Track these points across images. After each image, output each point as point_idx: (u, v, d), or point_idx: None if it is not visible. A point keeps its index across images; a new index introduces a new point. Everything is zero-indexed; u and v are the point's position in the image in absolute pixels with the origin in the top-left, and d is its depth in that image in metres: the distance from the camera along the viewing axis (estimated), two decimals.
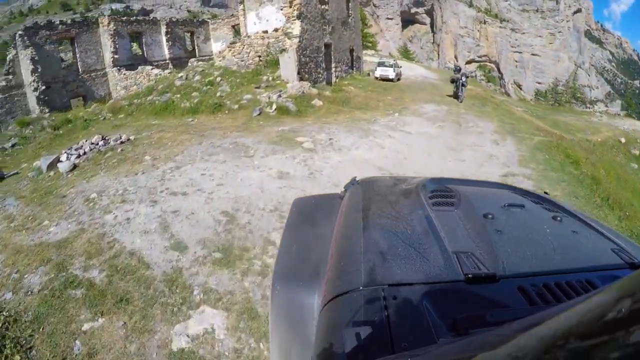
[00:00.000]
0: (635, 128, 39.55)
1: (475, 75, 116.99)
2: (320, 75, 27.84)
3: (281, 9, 26.75)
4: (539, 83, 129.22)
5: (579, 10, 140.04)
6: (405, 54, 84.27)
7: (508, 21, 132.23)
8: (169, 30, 41.77)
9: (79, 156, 14.43)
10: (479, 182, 3.95)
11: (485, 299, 1.81)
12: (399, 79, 37.21)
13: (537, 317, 0.81)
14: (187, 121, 19.51)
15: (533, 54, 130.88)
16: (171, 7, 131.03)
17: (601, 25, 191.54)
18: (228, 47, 28.96)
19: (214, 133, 16.41)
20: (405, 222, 2.51)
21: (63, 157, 14.46)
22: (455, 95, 27.67)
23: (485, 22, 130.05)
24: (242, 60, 27.97)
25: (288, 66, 24.01)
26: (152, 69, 33.68)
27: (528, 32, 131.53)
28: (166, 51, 41.85)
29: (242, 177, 11.43)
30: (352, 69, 36.04)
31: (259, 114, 19.34)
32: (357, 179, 3.64)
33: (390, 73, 35.66)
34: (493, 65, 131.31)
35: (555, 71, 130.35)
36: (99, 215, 9.66)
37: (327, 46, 29.56)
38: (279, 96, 20.70)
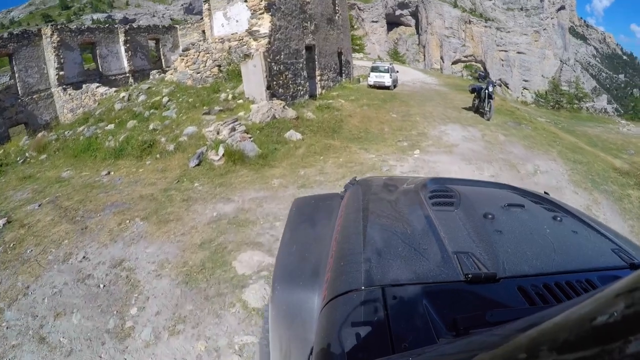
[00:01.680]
0: None
1: (462, 76, 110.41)
2: (300, 88, 19.71)
3: (245, 1, 18.72)
4: (526, 81, 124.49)
5: (562, 7, 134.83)
6: (396, 56, 74.85)
7: (493, 20, 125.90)
8: (129, 38, 33.85)
9: None
10: (479, 182, 3.91)
11: (485, 299, 1.75)
12: (395, 86, 29.97)
13: (536, 317, 0.75)
14: (99, 176, 12.47)
15: (519, 52, 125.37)
16: (154, 16, 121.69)
17: (584, 22, 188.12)
18: (180, 57, 20.85)
19: (105, 221, 8.94)
20: (406, 222, 2.45)
21: None
22: (477, 109, 20.10)
23: (470, 22, 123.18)
24: (198, 73, 20.02)
25: (253, 78, 15.97)
26: (97, 88, 25.70)
27: (513, 31, 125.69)
28: (125, 63, 33.86)
29: None
30: (341, 76, 28.00)
31: (197, 164, 11.54)
32: (356, 178, 3.56)
33: (387, 79, 28.43)
34: (479, 65, 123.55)
35: (541, 68, 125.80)
36: None
37: (310, 49, 21.49)
38: (233, 129, 12.64)
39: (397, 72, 32.26)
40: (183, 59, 20.51)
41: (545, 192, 3.21)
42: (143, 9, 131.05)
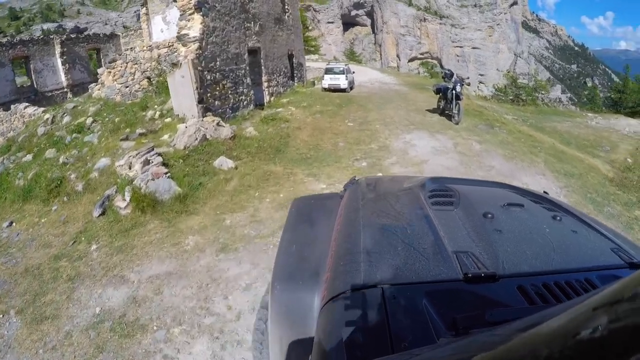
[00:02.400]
0: (637, 130, 29.82)
1: (419, 73, 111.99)
2: (243, 97, 16.84)
3: (175, 0, 15.88)
4: (481, 75, 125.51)
5: (515, 3, 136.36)
6: (352, 56, 71.21)
7: (447, 17, 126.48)
8: (65, 49, 30.39)
9: None
10: (478, 181, 3.80)
11: (485, 298, 1.72)
12: (352, 88, 27.34)
13: (536, 317, 0.73)
14: (1, 229, 9.64)
15: (474, 48, 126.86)
16: (106, 24, 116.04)
17: (537, 16, 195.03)
18: (107, 70, 17.81)
19: None
20: (405, 222, 2.39)
21: None
22: (442, 111, 17.65)
23: (425, 20, 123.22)
24: (127, 87, 17.06)
25: (182, 91, 13.15)
26: (25, 108, 22.03)
27: (467, 27, 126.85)
28: (63, 77, 30.38)
29: None
30: (293, 80, 25.31)
31: (102, 214, 8.71)
32: (356, 178, 3.47)
33: (342, 82, 25.52)
34: (435, 62, 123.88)
35: (496, 62, 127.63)
36: None
37: (254, 52, 18.70)
38: (147, 162, 9.73)
39: (354, 72, 29.66)
40: (110, 72, 17.53)
41: (544, 192, 3.10)
42: (95, 17, 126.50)
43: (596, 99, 53.83)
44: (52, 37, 31.50)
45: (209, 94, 13.93)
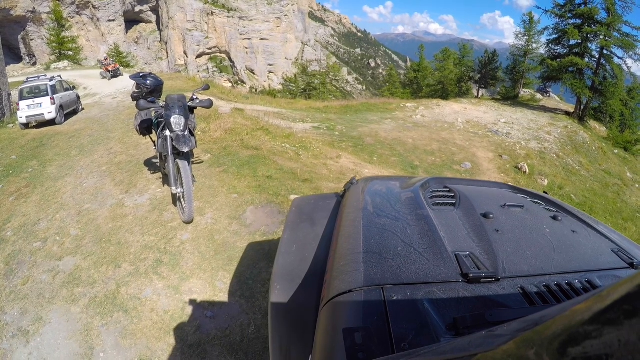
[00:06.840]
0: (469, 119, 26.47)
1: (208, 68, 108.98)
2: None
3: None
4: (270, 65, 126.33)
5: None
6: (119, 58, 54.71)
7: (235, 10, 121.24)
8: None
9: None
10: (479, 182, 3.70)
11: (485, 298, 1.58)
12: (75, 111, 17.88)
13: (537, 317, 0.73)
14: None
15: (262, 39, 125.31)
16: None
17: (322, 6, 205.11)
18: None
19: None
20: (405, 222, 2.16)
21: None
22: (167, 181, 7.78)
23: (213, 14, 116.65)
24: None
25: None
26: None
27: (256, 19, 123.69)
28: None
29: None
30: None
31: None
32: (355, 178, 3.16)
33: (47, 108, 15.61)
34: (224, 55, 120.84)
35: (284, 52, 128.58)
36: None
37: None
38: None
39: (73, 88, 19.32)
40: None
41: (544, 192, 2.90)
42: None
43: (394, 79, 52.81)
44: None
45: None
